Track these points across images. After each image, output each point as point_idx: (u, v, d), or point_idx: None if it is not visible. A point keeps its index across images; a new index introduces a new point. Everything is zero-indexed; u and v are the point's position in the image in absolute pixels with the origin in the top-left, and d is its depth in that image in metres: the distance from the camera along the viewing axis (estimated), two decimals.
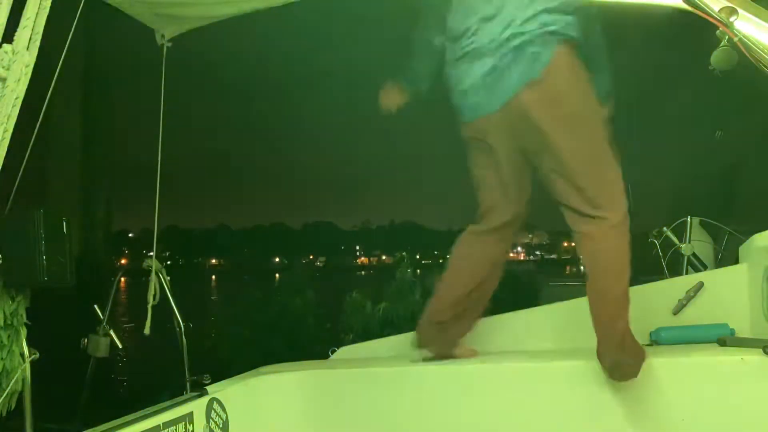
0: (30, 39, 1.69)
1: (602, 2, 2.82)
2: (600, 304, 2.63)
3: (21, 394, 2.21)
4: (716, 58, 2.11)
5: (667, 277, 3.83)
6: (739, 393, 2.56)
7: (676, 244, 4.29)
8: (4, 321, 2.16)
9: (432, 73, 2.86)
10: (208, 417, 2.38)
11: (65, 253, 2.25)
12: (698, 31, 2.26)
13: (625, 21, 2.96)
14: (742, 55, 2.10)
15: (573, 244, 2.89)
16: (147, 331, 2.66)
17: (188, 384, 2.49)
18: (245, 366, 2.94)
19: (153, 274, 2.70)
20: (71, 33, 2.42)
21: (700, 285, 3.16)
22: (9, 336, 2.16)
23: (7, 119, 1.68)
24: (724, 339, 2.91)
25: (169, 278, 2.86)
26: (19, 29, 1.69)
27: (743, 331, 3.02)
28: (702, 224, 4.46)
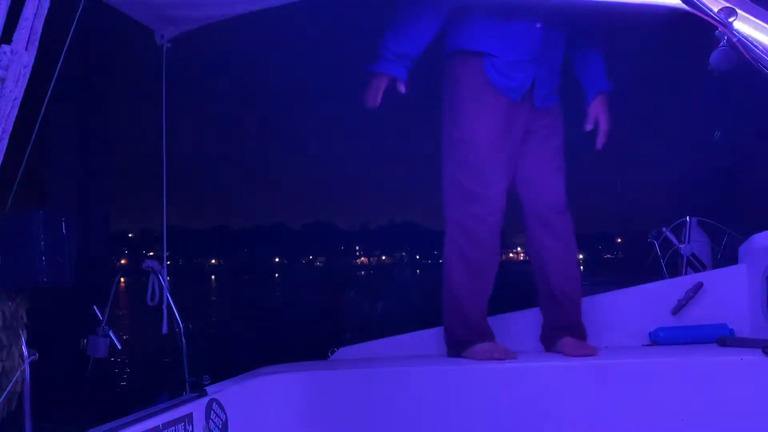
0: (29, 39, 1.69)
1: (602, 2, 2.82)
2: None
3: (20, 394, 2.21)
4: (715, 58, 2.11)
5: (666, 278, 3.84)
6: (738, 393, 2.57)
7: (675, 245, 4.29)
8: (4, 322, 2.16)
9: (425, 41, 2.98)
10: (207, 418, 2.37)
11: (64, 253, 2.25)
12: (697, 31, 2.26)
13: (623, 21, 2.96)
14: (741, 55, 2.10)
15: None
16: (164, 329, 2.66)
17: (188, 385, 2.48)
18: (245, 367, 2.93)
19: (165, 273, 2.69)
20: (70, 33, 2.42)
21: (700, 285, 3.17)
22: (8, 337, 2.16)
23: (6, 120, 1.68)
24: (724, 339, 2.91)
25: (168, 278, 2.85)
26: (17, 29, 1.69)
27: (743, 331, 3.03)
28: (701, 224, 4.47)
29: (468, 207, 2.98)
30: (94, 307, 2.58)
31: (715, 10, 2.14)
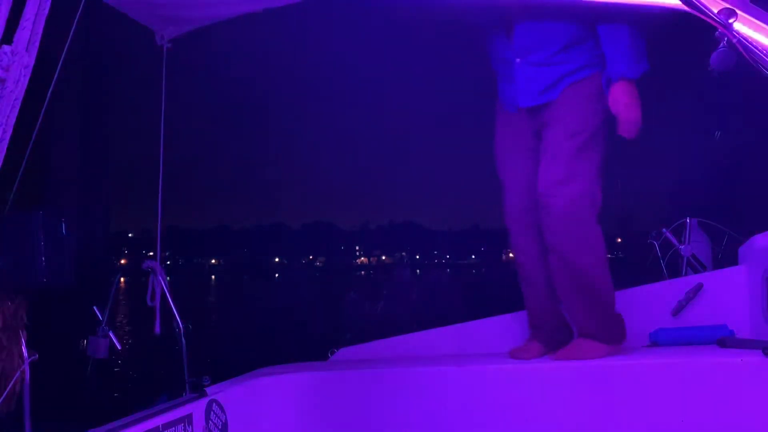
0: (29, 40, 1.69)
1: (601, 2, 2.82)
2: None
3: (20, 395, 2.21)
4: (715, 59, 2.11)
5: (666, 279, 3.84)
6: (739, 394, 2.57)
7: (675, 245, 4.29)
8: (4, 322, 2.15)
9: None
10: (207, 419, 2.38)
11: (64, 253, 2.25)
12: (697, 32, 2.26)
13: (623, 21, 2.96)
14: (741, 56, 2.10)
15: None
16: (157, 330, 2.66)
17: (187, 385, 2.48)
18: (244, 367, 2.94)
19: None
20: (71, 34, 2.42)
21: (700, 286, 3.17)
22: (8, 338, 2.15)
23: (6, 120, 1.68)
24: (724, 340, 2.91)
25: (168, 278, 2.85)
26: (18, 30, 1.69)
27: (743, 332, 3.03)
28: (701, 225, 4.47)
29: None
30: (94, 308, 2.58)
31: (715, 11, 2.14)
